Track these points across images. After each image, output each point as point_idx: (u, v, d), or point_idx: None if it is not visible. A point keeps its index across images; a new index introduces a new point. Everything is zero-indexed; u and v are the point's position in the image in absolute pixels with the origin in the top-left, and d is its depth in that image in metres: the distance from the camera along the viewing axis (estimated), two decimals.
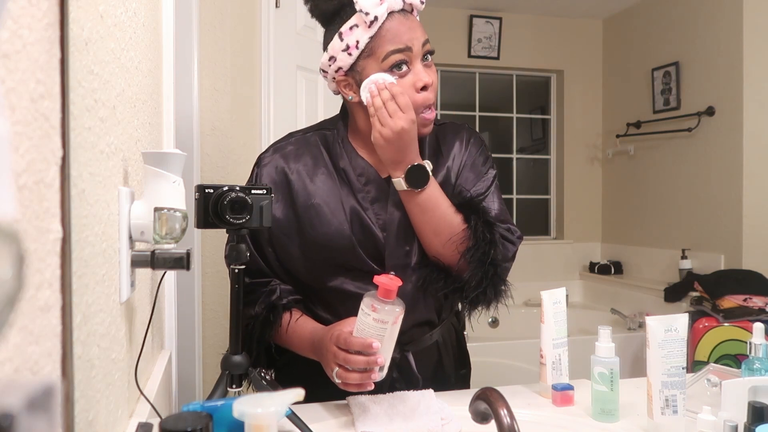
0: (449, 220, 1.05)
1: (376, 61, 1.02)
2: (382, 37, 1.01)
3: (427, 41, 1.06)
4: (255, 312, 1.05)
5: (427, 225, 1.05)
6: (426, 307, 1.13)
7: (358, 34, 1.02)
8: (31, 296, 0.43)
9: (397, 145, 1.01)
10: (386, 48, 1.01)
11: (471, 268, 1.03)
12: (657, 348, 0.93)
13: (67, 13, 0.50)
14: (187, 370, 1.66)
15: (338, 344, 0.92)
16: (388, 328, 0.88)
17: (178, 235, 0.81)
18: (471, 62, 3.91)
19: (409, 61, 1.03)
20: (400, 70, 1.03)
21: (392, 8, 1.02)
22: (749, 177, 2.94)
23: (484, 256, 1.03)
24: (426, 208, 1.04)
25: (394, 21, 1.02)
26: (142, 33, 0.95)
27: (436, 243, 1.06)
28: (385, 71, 1.02)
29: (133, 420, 0.83)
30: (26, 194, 0.42)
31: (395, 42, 1.01)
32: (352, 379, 0.91)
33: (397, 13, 1.03)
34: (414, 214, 1.06)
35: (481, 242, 1.03)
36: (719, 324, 2.57)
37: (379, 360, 0.88)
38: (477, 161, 1.15)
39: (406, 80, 1.03)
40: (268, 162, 1.12)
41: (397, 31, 1.02)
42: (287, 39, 2.11)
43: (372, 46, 1.02)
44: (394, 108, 0.99)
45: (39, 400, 0.27)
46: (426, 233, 1.06)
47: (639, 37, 3.73)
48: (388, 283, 0.87)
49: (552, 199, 4.18)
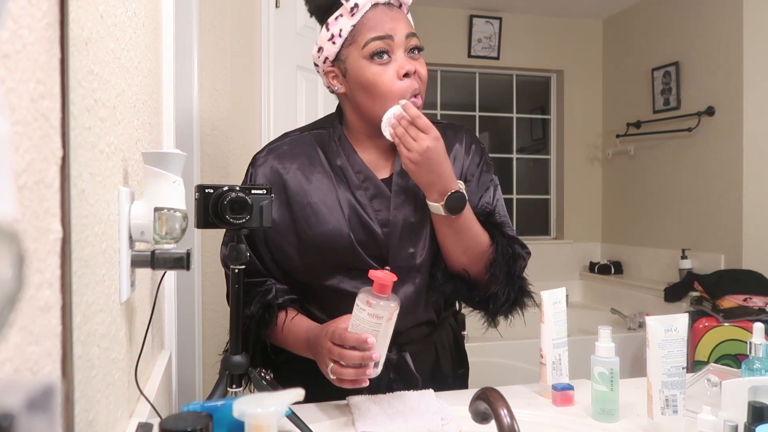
0: (479, 240, 1.07)
1: (357, 49, 1.04)
2: (364, 25, 1.04)
3: (414, 36, 1.06)
4: (251, 311, 1.05)
5: (457, 245, 1.07)
6: (426, 309, 1.14)
7: (341, 23, 1.05)
8: (31, 296, 0.43)
9: (428, 167, 1.00)
10: (367, 35, 1.03)
11: (496, 281, 1.07)
12: (657, 348, 0.93)
13: (67, 13, 0.50)
14: (187, 370, 1.66)
15: (333, 340, 0.91)
16: (383, 323, 0.88)
17: (178, 235, 0.81)
18: (471, 62, 3.91)
19: (390, 50, 1.04)
20: (381, 59, 1.03)
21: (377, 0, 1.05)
22: (749, 177, 2.94)
23: (510, 270, 1.07)
24: (459, 230, 1.06)
25: (377, 11, 1.05)
26: (142, 33, 0.95)
27: (464, 260, 1.08)
28: (366, 59, 1.03)
29: (133, 420, 0.83)
30: (26, 194, 0.42)
31: (376, 29, 1.03)
32: (346, 374, 0.90)
33: (383, 5, 1.05)
34: (446, 235, 1.07)
35: (506, 257, 1.07)
36: (719, 324, 2.57)
37: (374, 355, 0.88)
38: (481, 168, 1.16)
39: (389, 69, 1.03)
40: (262, 162, 1.12)
41: (379, 19, 1.04)
42: (287, 39, 2.11)
43: (354, 34, 1.04)
44: (415, 132, 1.00)
45: (39, 400, 0.27)
46: (455, 252, 1.08)
47: (639, 37, 3.73)
48: (384, 278, 0.87)
49: (552, 199, 4.18)
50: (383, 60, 1.03)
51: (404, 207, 1.08)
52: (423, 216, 1.08)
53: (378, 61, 1.03)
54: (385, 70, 1.03)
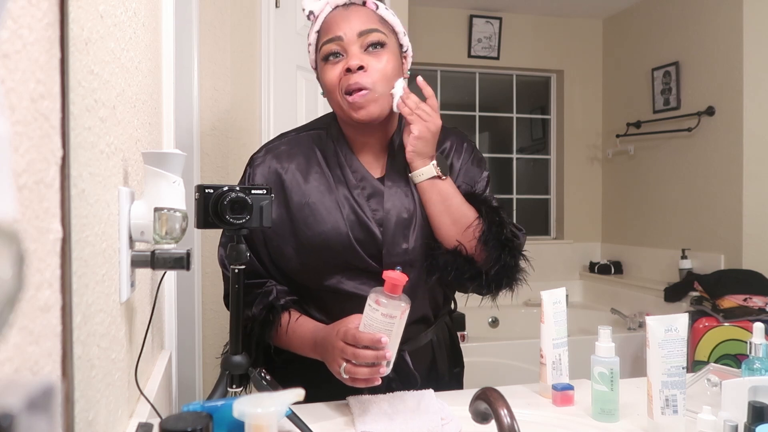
0: (465, 209, 1.09)
1: (320, 55, 1.08)
2: (322, 30, 1.08)
3: (374, 31, 1.05)
4: (253, 313, 1.05)
5: (446, 214, 1.08)
6: (422, 304, 1.14)
7: (312, 31, 1.10)
8: (31, 296, 0.43)
9: (432, 141, 1.08)
10: (322, 39, 1.08)
11: (488, 248, 1.08)
12: (657, 348, 0.93)
13: (67, 13, 0.50)
14: (187, 370, 1.66)
15: (346, 340, 0.92)
16: (396, 322, 0.89)
17: (178, 235, 0.81)
18: (471, 62, 3.91)
19: (342, 50, 1.06)
20: (336, 59, 1.06)
21: (336, 3, 1.08)
22: (749, 177, 2.94)
23: (498, 235, 1.08)
24: (447, 195, 1.08)
25: (333, 14, 1.08)
26: (142, 33, 0.95)
27: (454, 232, 1.09)
28: (323, 62, 1.07)
29: (133, 420, 0.83)
30: (26, 194, 0.42)
31: (328, 32, 1.06)
32: (360, 373, 0.91)
33: (341, 7, 1.08)
34: (434, 203, 1.08)
35: (493, 225, 1.08)
36: (719, 324, 2.57)
37: (387, 354, 0.89)
38: (471, 167, 1.18)
39: (338, 66, 1.05)
40: (260, 162, 1.12)
41: (331, 22, 1.07)
42: (287, 39, 2.11)
43: (317, 42, 1.09)
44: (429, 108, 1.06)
45: (39, 400, 0.27)
46: (445, 223, 1.09)
47: (639, 37, 3.73)
48: (397, 278, 0.88)
49: (552, 199, 4.17)
50: (336, 60, 1.06)
51: (396, 204, 1.09)
52: (413, 212, 1.10)
53: (332, 61, 1.06)
54: (335, 69, 1.06)
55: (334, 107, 1.10)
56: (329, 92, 1.08)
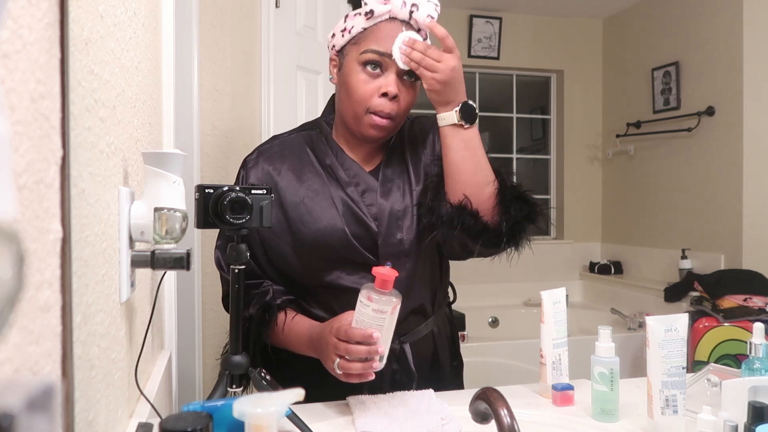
0: (486, 163, 1.07)
1: (356, 52, 1.06)
2: (372, 33, 1.05)
3: None
4: (250, 313, 1.06)
5: (468, 162, 1.06)
6: (420, 294, 1.15)
7: (357, 21, 1.06)
8: (31, 296, 0.43)
9: (452, 85, 1.03)
10: (369, 44, 1.05)
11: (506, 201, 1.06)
12: (657, 348, 0.93)
13: (67, 13, 0.50)
14: (187, 370, 1.66)
15: (338, 336, 0.93)
16: (387, 318, 0.90)
17: (178, 235, 0.81)
18: (471, 62, 3.91)
19: (383, 66, 1.05)
20: (372, 70, 1.05)
21: (395, 14, 1.05)
22: (749, 177, 2.94)
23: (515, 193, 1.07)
24: (470, 144, 1.06)
25: (390, 25, 1.05)
26: (142, 33, 0.95)
27: (472, 183, 1.06)
28: (359, 64, 1.05)
29: (133, 420, 0.83)
30: (26, 194, 0.42)
31: (379, 43, 1.04)
32: (353, 368, 0.92)
33: (399, 21, 1.05)
34: (456, 150, 1.06)
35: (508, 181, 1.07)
36: (719, 324, 2.57)
37: (379, 349, 0.90)
38: None
39: (374, 83, 1.04)
40: (253, 165, 1.13)
41: (386, 34, 1.04)
42: (287, 39, 2.11)
43: (360, 37, 1.06)
44: (438, 54, 1.01)
45: (39, 400, 0.27)
46: (465, 172, 1.06)
47: (639, 37, 3.73)
48: (386, 273, 0.89)
49: (552, 199, 4.17)
50: (373, 72, 1.05)
51: (389, 196, 1.10)
52: (406, 203, 1.11)
53: (368, 71, 1.05)
54: (370, 82, 1.04)
55: (347, 111, 1.08)
56: (352, 99, 1.05)
